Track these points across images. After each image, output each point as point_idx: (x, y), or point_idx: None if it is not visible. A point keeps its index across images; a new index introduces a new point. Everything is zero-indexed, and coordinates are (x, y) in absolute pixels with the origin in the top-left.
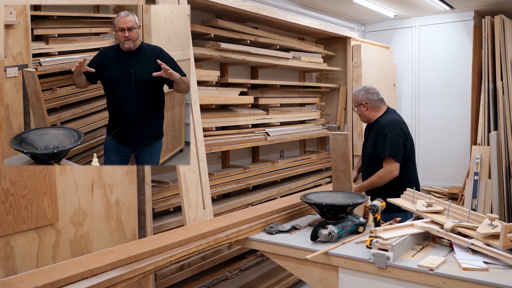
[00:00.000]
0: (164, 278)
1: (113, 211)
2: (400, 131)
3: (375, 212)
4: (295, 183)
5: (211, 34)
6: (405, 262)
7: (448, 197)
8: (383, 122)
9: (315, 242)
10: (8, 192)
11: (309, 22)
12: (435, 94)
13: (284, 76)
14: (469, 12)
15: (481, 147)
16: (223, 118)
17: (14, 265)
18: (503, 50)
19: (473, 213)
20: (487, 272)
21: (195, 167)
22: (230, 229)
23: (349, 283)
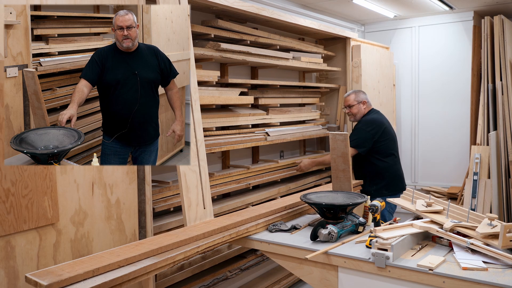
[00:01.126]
0: (165, 277)
1: (113, 211)
2: (371, 128)
3: (375, 212)
4: (295, 183)
5: (211, 34)
6: (405, 262)
7: (447, 197)
8: (362, 120)
9: (315, 242)
10: (9, 192)
11: (309, 22)
12: (434, 94)
13: (284, 76)
14: (469, 13)
15: (480, 147)
16: (223, 118)
17: (15, 264)
18: (502, 50)
19: (472, 213)
20: (486, 271)
21: (195, 167)
22: (235, 227)
23: (348, 283)
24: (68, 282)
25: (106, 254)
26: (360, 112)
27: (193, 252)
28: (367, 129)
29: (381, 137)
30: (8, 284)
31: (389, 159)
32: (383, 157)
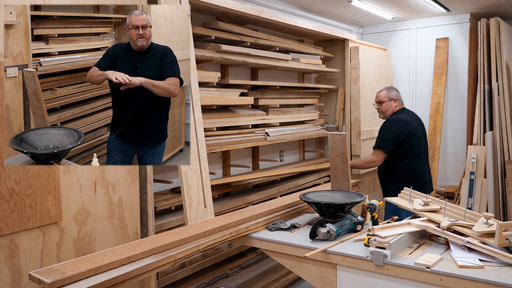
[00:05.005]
0: (166, 275)
1: (115, 210)
2: (397, 128)
3: (373, 211)
4: (294, 183)
5: (212, 36)
6: (402, 260)
7: (444, 196)
8: (389, 119)
9: (314, 240)
10: (13, 191)
11: (308, 24)
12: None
13: (284, 77)
14: (465, 15)
15: (477, 147)
16: (223, 119)
17: (19, 262)
18: (498, 52)
19: (469, 212)
20: (482, 269)
21: (196, 167)
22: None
23: (347, 281)
24: (71, 280)
25: (109, 253)
26: (390, 109)
27: (194, 251)
28: (392, 128)
29: (407, 138)
30: (12, 281)
31: (413, 162)
32: (406, 159)
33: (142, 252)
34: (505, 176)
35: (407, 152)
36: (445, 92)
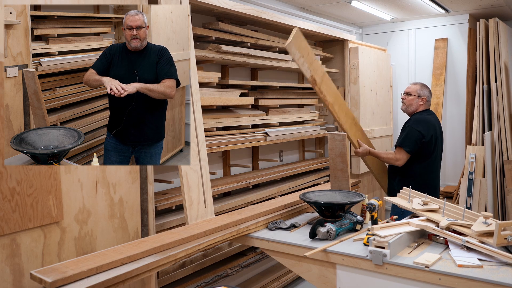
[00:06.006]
0: (167, 275)
1: (116, 209)
2: (422, 128)
3: (372, 210)
4: (294, 182)
5: (212, 36)
6: (402, 259)
7: (443, 195)
8: (413, 118)
9: (313, 240)
10: (14, 191)
11: (308, 25)
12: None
13: (284, 77)
14: (464, 15)
15: (475, 147)
16: (224, 119)
17: (20, 262)
18: (497, 52)
19: (467, 212)
20: (481, 269)
21: (196, 167)
22: (237, 225)
23: (346, 280)
24: (72, 279)
25: (109, 252)
26: (414, 106)
27: (195, 250)
28: (417, 128)
29: (430, 141)
30: (13, 281)
31: (429, 166)
32: (423, 162)
33: (142, 251)
34: (503, 175)
35: (426, 155)
36: (444, 92)
